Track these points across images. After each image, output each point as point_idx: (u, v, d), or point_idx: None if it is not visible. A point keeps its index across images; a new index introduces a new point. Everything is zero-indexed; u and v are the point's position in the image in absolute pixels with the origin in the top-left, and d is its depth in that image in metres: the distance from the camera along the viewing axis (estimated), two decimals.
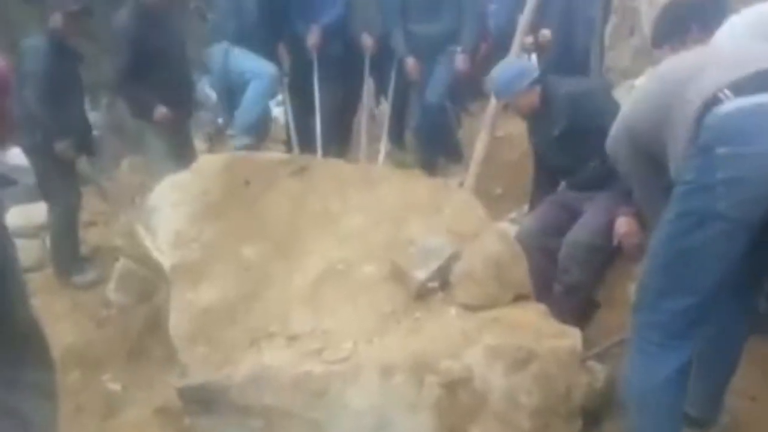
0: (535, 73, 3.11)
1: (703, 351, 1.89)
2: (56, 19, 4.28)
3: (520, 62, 3.30)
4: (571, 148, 3.01)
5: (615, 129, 2.09)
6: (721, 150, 1.61)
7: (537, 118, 3.14)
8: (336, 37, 4.63)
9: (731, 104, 1.62)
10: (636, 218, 2.72)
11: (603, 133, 2.36)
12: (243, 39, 4.19)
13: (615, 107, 2.65)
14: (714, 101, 1.65)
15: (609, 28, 3.81)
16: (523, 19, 4.08)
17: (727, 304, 1.86)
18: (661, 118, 1.82)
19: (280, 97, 5.28)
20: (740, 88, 1.64)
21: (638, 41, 3.58)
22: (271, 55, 4.28)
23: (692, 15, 2.43)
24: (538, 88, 3.07)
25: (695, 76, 1.76)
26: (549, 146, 3.16)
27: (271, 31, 4.26)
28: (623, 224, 2.74)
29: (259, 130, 4.35)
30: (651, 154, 1.93)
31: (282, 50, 4.54)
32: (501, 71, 3.21)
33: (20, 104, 4.06)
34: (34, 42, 4.29)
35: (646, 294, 1.82)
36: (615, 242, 2.78)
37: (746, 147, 1.60)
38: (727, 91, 1.64)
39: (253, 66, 4.18)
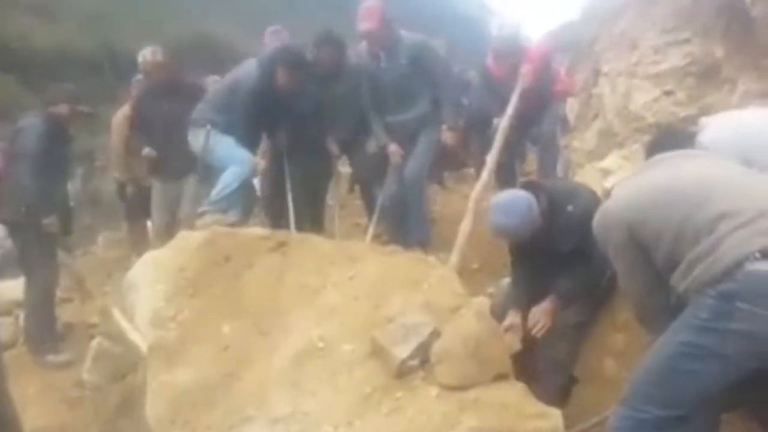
0: (534, 209, 2.81)
1: None
2: (62, 109, 4.56)
3: (516, 207, 2.84)
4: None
5: (605, 215, 2.25)
6: (741, 305, 1.80)
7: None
8: (305, 131, 4.81)
9: (758, 265, 1.81)
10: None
11: None
12: (228, 130, 4.44)
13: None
14: (745, 258, 1.83)
15: (568, 109, 4.14)
16: (504, 122, 4.38)
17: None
18: (669, 231, 2.00)
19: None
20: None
21: (602, 125, 3.77)
22: (251, 145, 4.57)
23: (673, 144, 2.54)
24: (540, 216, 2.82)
25: (714, 210, 1.94)
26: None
27: (255, 126, 4.53)
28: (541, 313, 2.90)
29: (235, 208, 4.44)
30: (643, 245, 2.10)
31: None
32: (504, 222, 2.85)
33: (8, 179, 4.21)
34: (33, 122, 4.48)
35: (635, 391, 1.97)
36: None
37: (765, 310, 1.78)
38: (757, 254, 1.82)
39: (233, 154, 4.44)
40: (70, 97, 4.67)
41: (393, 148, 4.69)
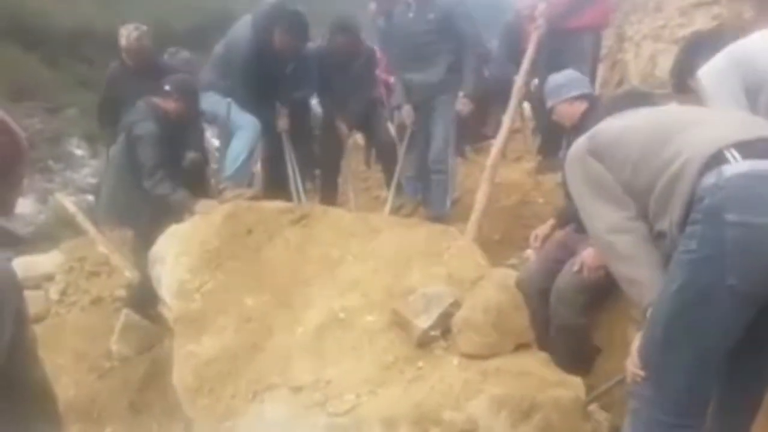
0: (585, 89, 3.18)
1: (717, 412, 1.79)
2: (169, 104, 4.02)
3: (576, 74, 3.31)
4: None
5: (583, 146, 1.94)
6: (730, 217, 1.47)
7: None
8: (307, 109, 4.79)
9: (739, 166, 1.50)
10: None
11: None
12: (231, 94, 4.35)
13: None
14: (719, 158, 1.52)
15: (598, 78, 3.96)
16: (519, 79, 4.23)
17: (740, 371, 1.77)
18: (644, 159, 1.73)
19: None
20: (747, 150, 1.52)
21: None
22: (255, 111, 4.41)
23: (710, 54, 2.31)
24: (584, 105, 3.11)
25: (691, 126, 1.68)
26: None
27: (257, 92, 4.37)
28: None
29: (245, 179, 4.45)
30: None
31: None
32: (556, 76, 3.30)
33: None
34: (147, 129, 3.93)
35: (648, 367, 1.69)
36: (576, 268, 2.77)
37: (759, 217, 1.47)
38: (734, 151, 1.51)
39: (239, 118, 4.34)
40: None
41: (406, 110, 4.63)
